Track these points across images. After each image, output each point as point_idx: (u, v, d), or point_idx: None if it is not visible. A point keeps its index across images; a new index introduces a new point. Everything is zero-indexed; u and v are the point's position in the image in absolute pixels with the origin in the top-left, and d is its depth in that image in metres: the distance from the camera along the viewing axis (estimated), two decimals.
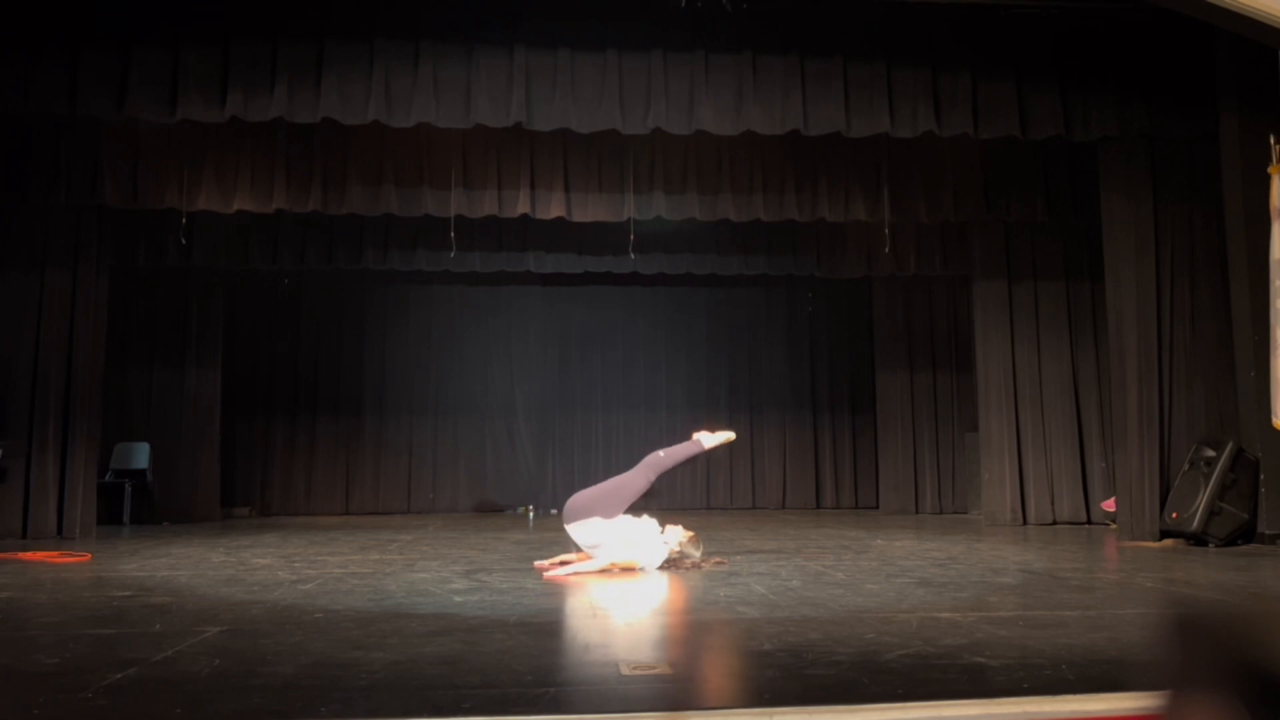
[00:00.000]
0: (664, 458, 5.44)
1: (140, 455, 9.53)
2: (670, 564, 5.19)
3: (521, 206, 8.02)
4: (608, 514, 5.15)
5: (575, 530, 5.17)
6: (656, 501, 5.75)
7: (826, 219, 8.40)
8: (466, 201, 8.05)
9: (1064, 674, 2.65)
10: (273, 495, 10.92)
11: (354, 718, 2.28)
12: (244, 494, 10.76)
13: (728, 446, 5.76)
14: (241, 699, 2.43)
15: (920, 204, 8.38)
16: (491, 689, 2.64)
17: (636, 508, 5.30)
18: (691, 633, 3.43)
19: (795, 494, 11.64)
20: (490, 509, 11.02)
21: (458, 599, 4.26)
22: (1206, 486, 6.69)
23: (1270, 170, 6.37)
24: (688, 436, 5.53)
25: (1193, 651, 0.95)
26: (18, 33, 6.44)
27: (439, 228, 8.43)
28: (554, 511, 9.87)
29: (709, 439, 5.58)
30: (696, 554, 5.28)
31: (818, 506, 11.56)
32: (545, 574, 5.04)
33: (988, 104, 6.97)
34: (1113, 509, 7.99)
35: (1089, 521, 8.86)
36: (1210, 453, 6.87)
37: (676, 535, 5.27)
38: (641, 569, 5.12)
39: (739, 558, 5.84)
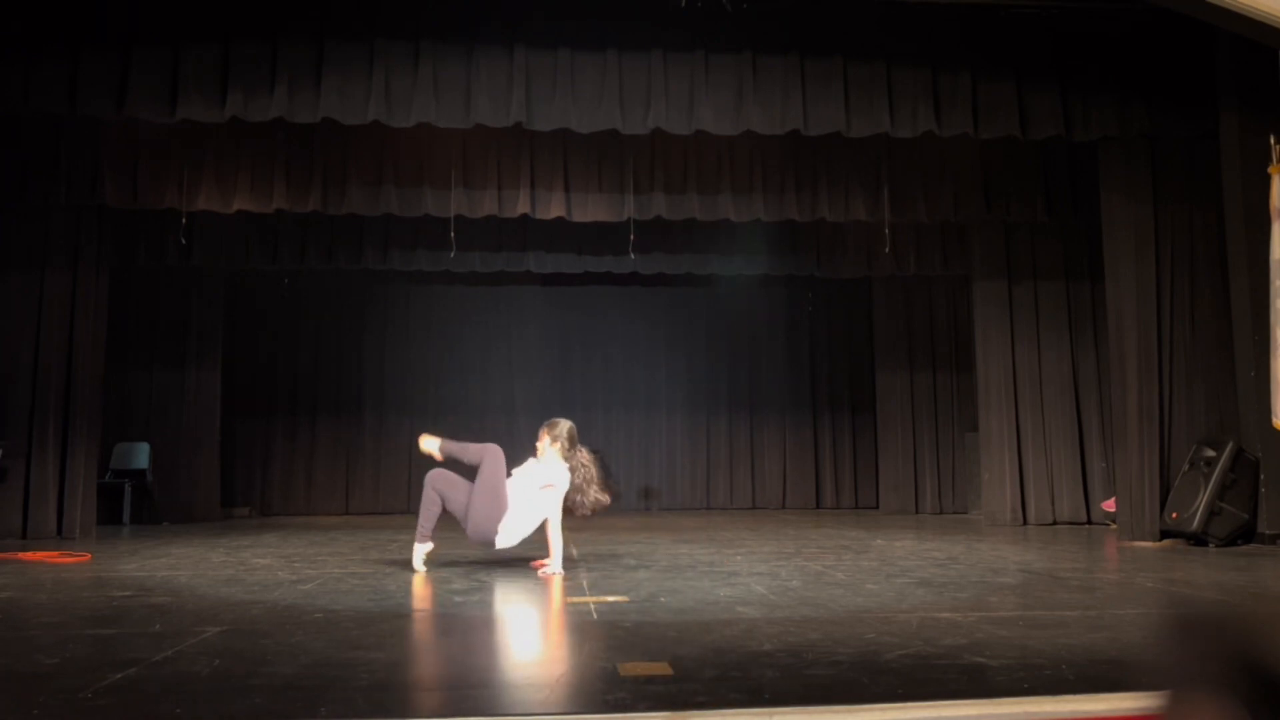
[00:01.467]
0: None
1: (140, 455, 9.54)
2: (577, 503, 5.12)
3: (521, 206, 8.03)
4: (501, 509, 5.00)
5: (511, 537, 5.03)
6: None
7: (826, 219, 8.41)
8: (466, 201, 8.05)
9: (1064, 674, 2.65)
10: (273, 495, 10.92)
11: (354, 718, 2.28)
12: (244, 494, 10.77)
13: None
14: (241, 699, 2.43)
15: (920, 204, 8.38)
16: (491, 689, 2.64)
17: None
18: (691, 633, 3.43)
19: (795, 494, 11.65)
20: None
21: (457, 599, 4.26)
22: (1206, 486, 6.69)
23: (1270, 170, 6.36)
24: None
25: (1193, 651, 0.95)
26: (18, 33, 6.43)
27: (439, 228, 8.43)
28: None
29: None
30: (591, 496, 5.15)
31: (818, 506, 11.57)
32: (539, 571, 5.06)
33: (988, 104, 6.97)
34: (1113, 509, 7.99)
35: (1089, 521, 8.86)
36: (1210, 453, 6.87)
37: (545, 446, 5.18)
38: (571, 498, 5.08)
39: (739, 558, 5.85)
